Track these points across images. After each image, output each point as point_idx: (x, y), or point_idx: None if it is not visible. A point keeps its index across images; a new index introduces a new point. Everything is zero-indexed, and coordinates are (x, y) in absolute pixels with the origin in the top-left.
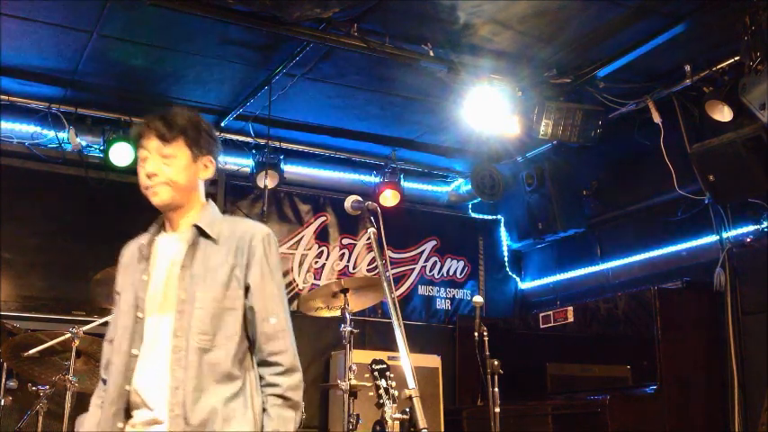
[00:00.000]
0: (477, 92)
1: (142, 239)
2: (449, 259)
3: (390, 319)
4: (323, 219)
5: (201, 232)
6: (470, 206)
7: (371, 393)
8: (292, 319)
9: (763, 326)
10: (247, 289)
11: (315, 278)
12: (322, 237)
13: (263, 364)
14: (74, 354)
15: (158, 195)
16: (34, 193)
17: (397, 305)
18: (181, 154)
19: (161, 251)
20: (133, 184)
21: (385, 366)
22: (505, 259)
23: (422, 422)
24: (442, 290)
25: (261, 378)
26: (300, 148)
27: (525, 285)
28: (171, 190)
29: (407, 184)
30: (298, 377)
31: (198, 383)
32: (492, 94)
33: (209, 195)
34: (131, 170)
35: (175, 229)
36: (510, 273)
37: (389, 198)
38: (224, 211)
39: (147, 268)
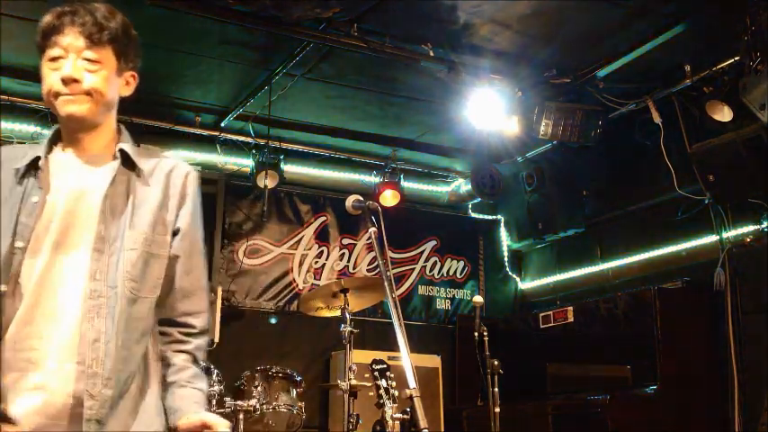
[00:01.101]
0: (477, 92)
1: (28, 151)
2: (449, 259)
3: (390, 319)
4: (323, 219)
5: (126, 159)
6: (470, 206)
7: (371, 393)
8: (293, 319)
9: (763, 326)
10: (175, 234)
11: (315, 278)
12: (322, 237)
13: (171, 323)
14: None
15: (76, 105)
16: None
17: (398, 305)
18: (108, 62)
19: (62, 173)
20: None
21: (385, 366)
22: (505, 259)
23: (422, 422)
24: (442, 290)
25: (165, 335)
26: (300, 148)
27: (525, 285)
28: (93, 103)
29: (407, 184)
30: (207, 340)
31: (124, 340)
32: (492, 94)
33: (209, 195)
34: None
35: (84, 152)
36: (510, 273)
37: (389, 198)
38: (224, 212)
39: (39, 190)
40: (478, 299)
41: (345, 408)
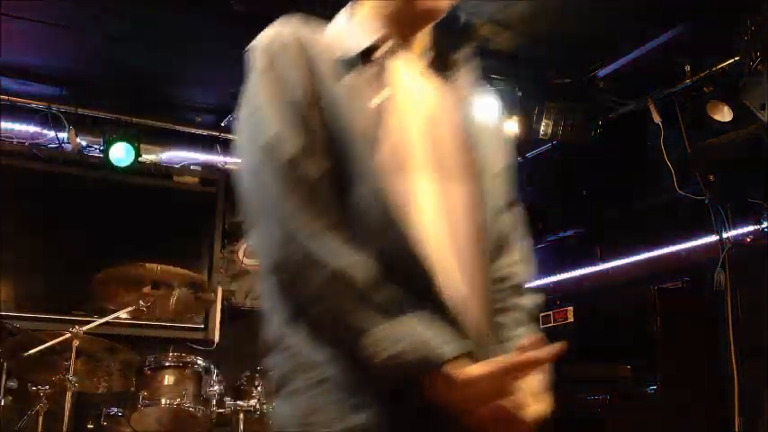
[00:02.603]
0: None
1: (357, 40)
2: None
3: None
4: None
5: (454, 67)
6: None
7: None
8: None
9: (763, 326)
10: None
11: None
12: None
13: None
14: (74, 354)
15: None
16: (34, 193)
17: None
18: None
19: (399, 73)
20: (132, 184)
21: None
22: None
23: None
24: None
25: None
26: None
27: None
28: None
29: None
30: (535, 298)
31: (492, 296)
32: (492, 94)
33: (209, 195)
34: (131, 170)
35: (411, 50)
36: None
37: None
38: (224, 212)
39: (386, 95)
40: None
41: None
